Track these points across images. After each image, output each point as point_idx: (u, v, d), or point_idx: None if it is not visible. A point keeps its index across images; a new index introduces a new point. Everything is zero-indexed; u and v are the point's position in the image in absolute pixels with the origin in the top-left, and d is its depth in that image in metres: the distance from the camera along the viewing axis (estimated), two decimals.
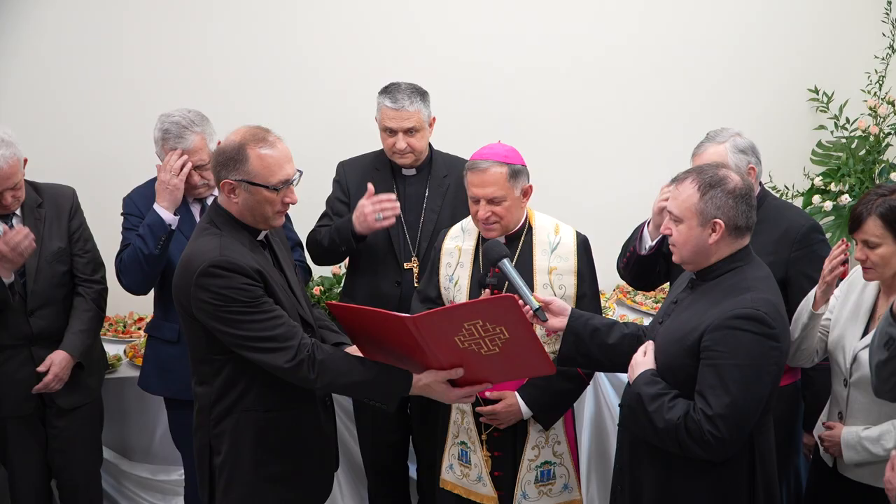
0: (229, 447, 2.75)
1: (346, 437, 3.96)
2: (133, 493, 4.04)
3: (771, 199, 3.39)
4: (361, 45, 4.54)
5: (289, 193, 2.72)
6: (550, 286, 3.11)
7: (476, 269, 3.18)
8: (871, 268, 2.79)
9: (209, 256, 2.59)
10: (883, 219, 2.71)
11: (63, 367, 3.40)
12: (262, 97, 4.45)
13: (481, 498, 3.21)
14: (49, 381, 3.38)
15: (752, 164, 3.28)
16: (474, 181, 3.04)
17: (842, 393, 2.92)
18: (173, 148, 3.38)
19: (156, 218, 3.35)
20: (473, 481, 3.22)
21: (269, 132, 2.70)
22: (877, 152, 4.71)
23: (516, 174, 3.05)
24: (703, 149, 3.30)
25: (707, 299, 2.56)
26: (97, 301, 3.55)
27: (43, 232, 3.42)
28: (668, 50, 4.77)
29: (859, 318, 2.90)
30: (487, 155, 3.06)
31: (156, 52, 4.41)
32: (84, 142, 4.42)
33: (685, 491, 2.58)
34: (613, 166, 4.79)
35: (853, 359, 2.86)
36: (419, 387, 2.75)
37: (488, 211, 3.05)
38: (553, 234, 3.18)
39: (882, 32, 4.75)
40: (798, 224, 3.27)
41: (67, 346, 3.43)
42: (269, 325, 2.60)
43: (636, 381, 2.61)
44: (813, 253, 3.21)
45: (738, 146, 3.26)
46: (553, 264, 3.15)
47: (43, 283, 3.41)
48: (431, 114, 3.65)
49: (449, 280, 3.23)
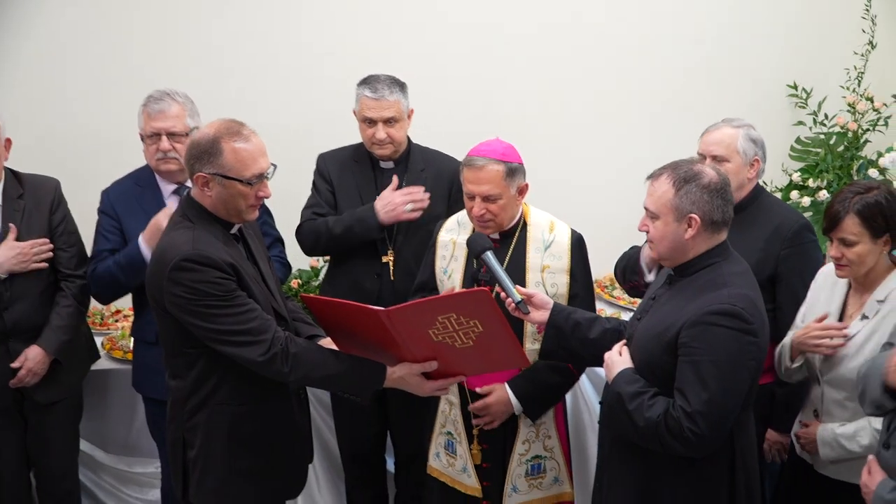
0: (203, 441, 2.74)
1: (323, 430, 3.97)
2: (111, 485, 4.03)
3: (765, 196, 3.39)
4: (346, 37, 4.55)
5: (262, 187, 2.71)
6: (543, 284, 3.10)
7: (469, 264, 3.18)
8: (846, 265, 2.79)
9: (182, 250, 2.58)
10: (860, 216, 2.72)
11: (37, 362, 3.37)
12: (243, 90, 4.47)
13: (466, 488, 3.22)
14: (23, 377, 3.36)
15: (759, 157, 3.28)
16: (470, 178, 3.02)
17: (816, 391, 2.94)
18: (151, 111, 3.35)
19: (137, 255, 3.31)
20: (458, 472, 3.23)
21: (244, 126, 2.69)
22: (855, 148, 4.75)
23: (513, 172, 3.02)
24: (716, 128, 3.31)
25: (684, 295, 2.56)
26: (78, 297, 3.50)
27: (21, 224, 3.38)
28: (650, 47, 4.79)
29: (831, 317, 2.90)
30: (485, 152, 3.03)
31: (142, 44, 4.42)
32: (71, 133, 4.41)
33: (666, 487, 2.59)
34: (593, 163, 4.80)
35: (824, 357, 2.87)
36: (393, 379, 2.76)
37: (483, 208, 3.03)
38: (547, 232, 3.17)
39: (861, 29, 4.77)
40: (790, 222, 3.26)
41: (43, 342, 3.40)
42: (243, 318, 2.60)
43: (615, 379, 2.61)
44: (803, 252, 3.21)
45: (750, 135, 3.28)
46: (546, 262, 3.13)
47: (18, 277, 3.36)
48: (410, 105, 3.64)
49: (444, 273, 3.23)
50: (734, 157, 3.25)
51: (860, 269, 2.79)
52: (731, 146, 3.25)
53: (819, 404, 2.92)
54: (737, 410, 2.49)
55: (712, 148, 3.27)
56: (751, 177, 3.29)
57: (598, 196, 4.77)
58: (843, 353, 2.82)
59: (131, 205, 3.47)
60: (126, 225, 3.46)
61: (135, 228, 3.40)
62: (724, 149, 3.25)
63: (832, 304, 2.93)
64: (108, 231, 3.47)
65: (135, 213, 3.45)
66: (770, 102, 4.84)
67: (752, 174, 3.29)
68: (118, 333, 4.05)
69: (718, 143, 3.27)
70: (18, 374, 3.35)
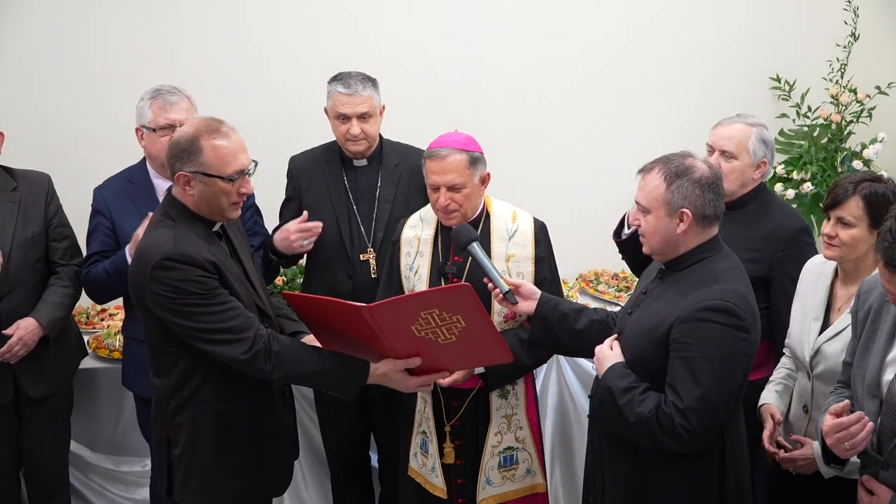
0: (187, 439, 2.74)
1: (309, 427, 3.97)
2: (98, 484, 4.02)
3: (766, 195, 3.39)
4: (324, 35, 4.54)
5: (244, 184, 2.71)
6: (508, 273, 3.11)
7: (436, 258, 3.19)
8: (837, 245, 2.77)
9: (163, 249, 2.58)
10: (865, 200, 2.71)
11: (29, 331, 3.36)
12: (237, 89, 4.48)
13: (433, 489, 3.22)
14: (13, 345, 3.33)
15: (767, 159, 3.29)
16: (434, 168, 3.05)
17: (806, 386, 2.90)
18: (165, 103, 3.37)
19: (123, 265, 3.29)
20: (429, 471, 3.24)
21: (223, 123, 2.70)
22: (839, 140, 4.76)
23: (475, 161, 3.06)
24: (730, 122, 3.31)
25: (676, 290, 2.56)
26: (73, 280, 3.52)
27: (17, 215, 3.40)
28: (630, 39, 4.79)
29: (815, 310, 2.89)
30: (446, 143, 3.07)
31: (123, 40, 4.42)
32: (60, 129, 4.41)
33: (656, 482, 2.59)
34: (575, 155, 4.81)
35: (814, 351, 2.84)
36: (376, 376, 2.77)
37: (448, 199, 3.06)
38: (510, 222, 3.20)
39: (844, 20, 4.77)
40: (787, 225, 3.25)
41: (37, 314, 3.40)
42: (224, 316, 2.60)
43: (606, 374, 2.61)
44: (799, 255, 3.18)
45: (762, 136, 3.28)
46: (511, 251, 3.16)
47: (14, 268, 3.37)
48: (382, 101, 3.64)
49: (409, 269, 3.24)
50: (743, 156, 3.25)
51: (849, 254, 2.77)
52: (742, 144, 3.25)
53: (809, 399, 2.89)
54: (728, 407, 2.49)
55: (723, 142, 3.27)
56: (756, 178, 3.30)
57: (579, 190, 4.77)
58: (833, 347, 2.80)
59: (124, 202, 3.47)
60: (119, 223, 3.46)
61: (128, 226, 3.39)
62: (734, 145, 3.25)
63: (817, 295, 2.91)
64: (101, 232, 3.47)
65: (128, 211, 3.45)
66: (753, 95, 4.82)
67: (758, 175, 3.30)
68: (104, 332, 4.04)
69: (730, 138, 3.26)
70: (9, 342, 3.32)
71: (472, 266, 3.09)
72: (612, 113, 4.82)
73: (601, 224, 4.67)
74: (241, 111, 3.59)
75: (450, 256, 3.17)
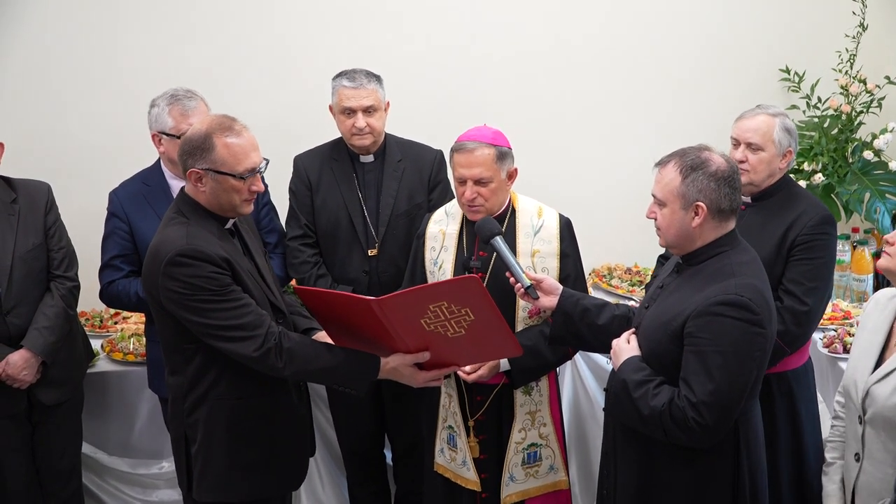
0: (203, 436, 2.75)
1: (325, 425, 3.96)
2: (114, 487, 4.02)
3: (792, 185, 3.37)
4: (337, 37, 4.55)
5: (255, 181, 2.72)
6: (533, 269, 3.11)
7: (460, 253, 3.19)
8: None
9: (176, 245, 2.59)
10: None
11: (18, 367, 3.33)
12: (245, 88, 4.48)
13: (466, 482, 3.22)
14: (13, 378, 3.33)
15: (791, 148, 3.28)
16: (461, 161, 3.05)
17: (857, 431, 2.59)
18: (183, 109, 3.37)
19: None
20: (459, 465, 3.24)
21: (236, 121, 2.71)
22: (849, 131, 4.73)
23: (503, 156, 3.06)
24: (753, 114, 3.30)
25: (692, 284, 2.56)
26: (67, 299, 3.48)
27: (17, 228, 3.39)
28: (641, 33, 4.78)
29: (873, 347, 2.61)
30: (475, 136, 3.06)
31: (133, 43, 4.43)
32: (60, 134, 4.42)
33: (669, 477, 2.59)
34: (588, 150, 4.80)
35: (865, 393, 2.54)
36: (387, 370, 2.77)
37: (474, 192, 3.05)
38: (536, 218, 3.19)
39: (852, 11, 4.75)
40: (812, 212, 3.22)
41: (29, 342, 3.36)
42: (236, 313, 2.61)
43: (622, 367, 2.60)
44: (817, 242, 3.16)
45: (785, 125, 3.27)
46: (536, 247, 3.15)
47: (18, 281, 3.37)
48: (386, 97, 3.64)
49: (434, 264, 3.24)
50: (769, 147, 3.24)
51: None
52: (767, 134, 3.23)
53: (860, 447, 2.57)
54: (742, 401, 2.47)
55: (749, 135, 3.26)
56: (782, 167, 3.29)
57: (591, 185, 4.77)
58: (882, 390, 2.51)
59: (140, 204, 3.49)
60: (135, 225, 3.47)
61: (144, 228, 3.41)
62: (760, 137, 3.24)
63: (878, 330, 2.63)
64: (118, 235, 3.48)
65: (144, 213, 3.47)
66: (762, 87, 4.80)
67: (784, 164, 3.29)
68: (118, 335, 4.05)
69: (755, 130, 3.25)
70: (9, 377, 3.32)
71: (496, 261, 3.09)
72: (622, 108, 4.81)
73: (614, 219, 4.71)
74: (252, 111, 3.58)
75: (475, 251, 3.17)
